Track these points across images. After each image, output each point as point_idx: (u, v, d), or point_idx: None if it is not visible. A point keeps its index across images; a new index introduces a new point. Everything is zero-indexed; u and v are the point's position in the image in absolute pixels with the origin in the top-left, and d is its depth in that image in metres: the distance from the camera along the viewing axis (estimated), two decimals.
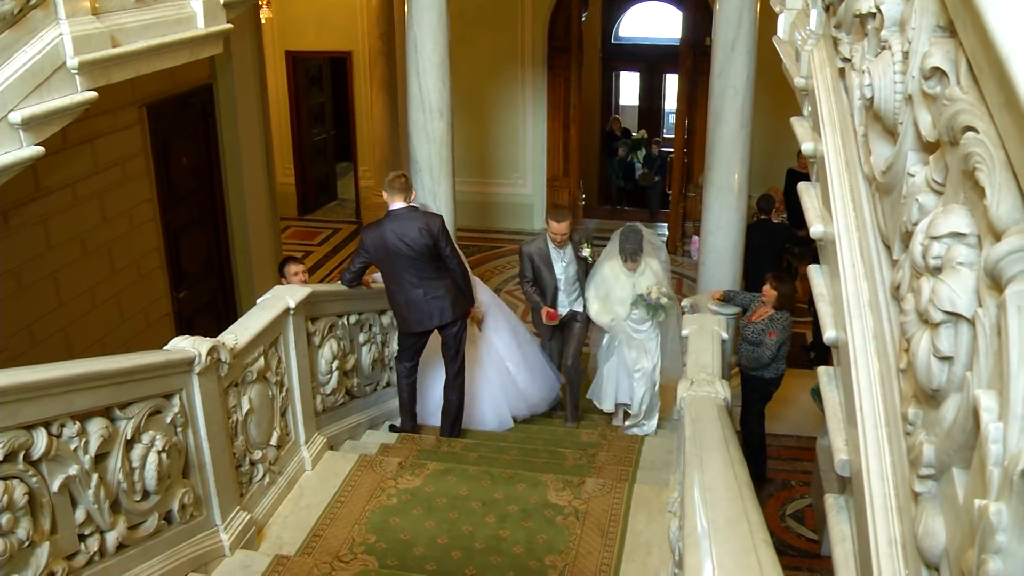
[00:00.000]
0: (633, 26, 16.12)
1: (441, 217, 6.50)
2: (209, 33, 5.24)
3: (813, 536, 7.01)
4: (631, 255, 6.98)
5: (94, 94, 4.33)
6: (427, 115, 8.10)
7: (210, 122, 8.50)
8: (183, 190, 8.12)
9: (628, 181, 15.50)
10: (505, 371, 7.33)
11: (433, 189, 8.30)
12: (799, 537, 7.06)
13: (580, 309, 7.49)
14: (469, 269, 7.13)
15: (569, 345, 7.60)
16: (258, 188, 9.39)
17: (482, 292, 7.36)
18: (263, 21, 10.41)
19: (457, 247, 6.77)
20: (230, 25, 5.49)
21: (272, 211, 9.79)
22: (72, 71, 4.19)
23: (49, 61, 4.07)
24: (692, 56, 12.01)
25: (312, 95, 14.68)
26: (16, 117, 3.89)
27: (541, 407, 7.64)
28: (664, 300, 6.95)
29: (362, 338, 7.02)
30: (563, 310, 7.46)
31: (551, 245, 7.25)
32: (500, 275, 12.02)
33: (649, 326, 7.19)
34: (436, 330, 6.62)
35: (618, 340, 7.30)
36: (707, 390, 4.19)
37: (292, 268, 7.46)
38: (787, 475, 7.72)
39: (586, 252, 7.30)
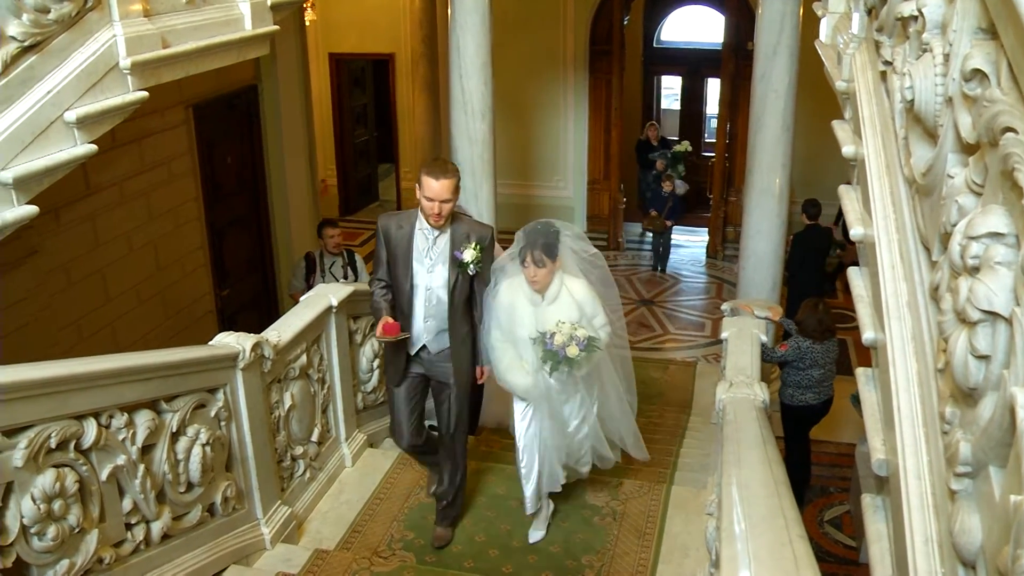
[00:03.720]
0: (675, 30, 16.08)
1: (471, 216, 6.52)
2: (256, 35, 5.32)
3: (851, 543, 6.96)
4: (534, 247, 4.59)
5: (145, 94, 4.43)
6: (469, 117, 8.14)
7: (255, 122, 8.62)
8: (227, 189, 8.23)
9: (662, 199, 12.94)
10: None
11: (475, 191, 8.33)
12: (837, 544, 7.02)
13: (438, 349, 4.99)
14: None
15: (443, 406, 5.11)
16: (301, 188, 9.50)
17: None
18: (307, 23, 10.53)
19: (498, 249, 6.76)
20: (277, 27, 5.57)
21: (314, 211, 9.88)
22: (124, 71, 4.29)
23: (103, 62, 4.17)
24: (734, 60, 11.98)
25: (355, 97, 14.79)
26: (71, 116, 3.99)
27: None
28: (574, 350, 4.54)
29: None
30: (419, 342, 4.96)
31: (420, 226, 4.76)
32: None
33: (575, 382, 4.87)
34: None
35: (538, 409, 5.03)
36: (745, 392, 4.20)
37: (329, 231, 7.54)
38: (826, 481, 7.68)
39: (469, 256, 4.70)
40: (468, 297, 4.96)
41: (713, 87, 15.21)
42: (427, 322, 4.93)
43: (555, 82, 12.82)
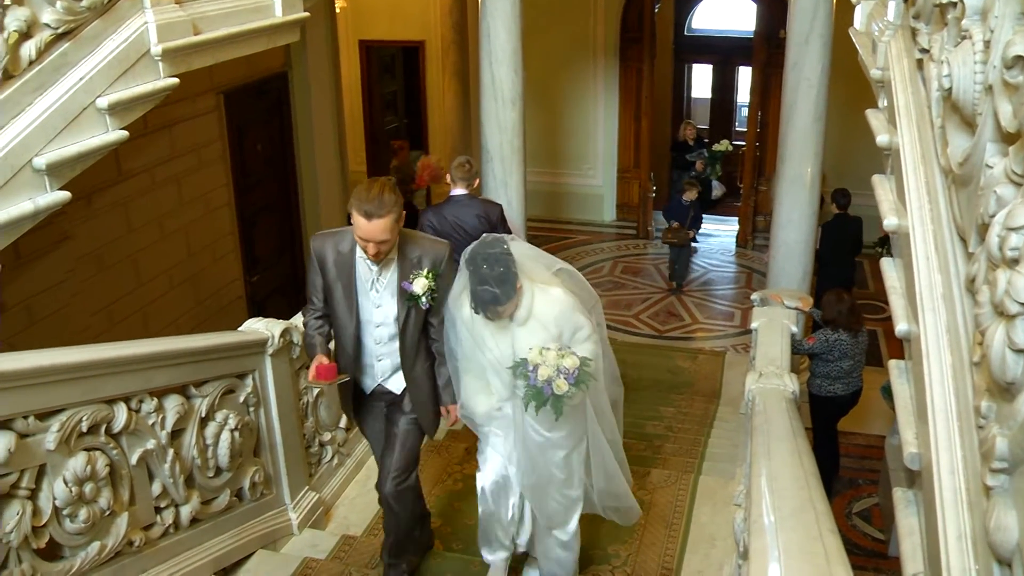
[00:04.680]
0: (706, 18, 15.95)
1: (500, 206, 6.50)
2: (286, 21, 5.32)
3: (880, 536, 6.90)
4: (486, 305, 3.74)
5: (176, 80, 4.45)
6: (499, 104, 8.10)
7: (285, 109, 8.64)
8: (257, 176, 8.26)
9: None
10: None
11: (504, 179, 8.30)
12: (865, 536, 6.96)
13: (397, 388, 4.29)
14: None
15: (391, 453, 4.35)
16: (331, 175, 9.52)
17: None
18: (337, 10, 10.52)
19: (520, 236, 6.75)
20: (307, 13, 5.57)
21: (344, 197, 9.89)
22: (156, 58, 4.31)
23: (134, 48, 4.19)
24: (766, 48, 11.85)
25: (385, 84, 14.78)
26: (103, 102, 4.02)
27: None
28: (562, 385, 3.66)
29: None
30: (369, 382, 4.29)
31: (361, 253, 3.93)
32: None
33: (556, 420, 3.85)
34: None
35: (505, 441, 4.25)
36: (775, 383, 4.17)
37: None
38: (854, 473, 7.61)
39: (419, 288, 3.93)
40: (424, 332, 4.19)
41: (744, 76, 15.08)
42: (380, 361, 4.20)
43: (586, 70, 12.76)
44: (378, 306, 4.08)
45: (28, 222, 3.71)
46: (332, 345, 4.20)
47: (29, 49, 3.69)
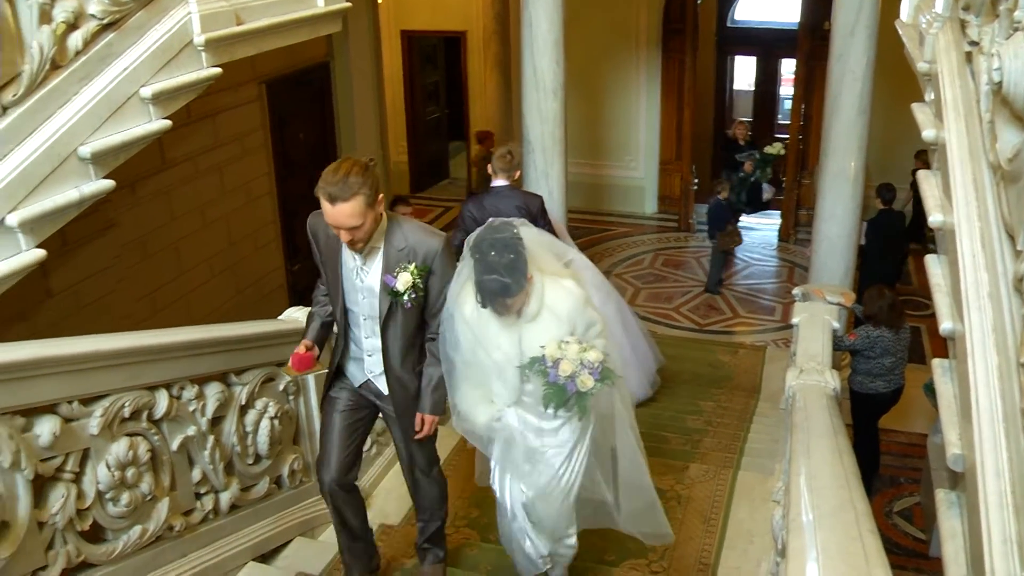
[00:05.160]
0: (749, 9, 15.77)
1: (541, 197, 6.48)
2: (328, 11, 5.34)
3: (921, 536, 6.82)
4: (493, 296, 3.35)
5: (218, 70, 4.48)
6: (541, 95, 8.10)
7: (326, 99, 8.69)
8: (299, 165, 8.31)
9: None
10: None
11: (545, 169, 8.30)
12: (906, 536, 6.88)
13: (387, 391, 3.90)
14: (574, 247, 7.09)
15: (398, 445, 4.11)
16: None
17: (585, 269, 7.20)
18: (379, 1, 10.56)
19: (561, 229, 6.75)
20: (349, 4, 5.59)
21: (385, 187, 9.92)
22: (199, 48, 4.35)
23: (178, 39, 4.23)
24: (810, 40, 11.70)
25: (426, 74, 14.82)
26: (147, 92, 4.06)
27: (636, 397, 7.40)
28: (587, 381, 3.33)
29: None
30: (359, 376, 3.95)
31: None
32: (610, 257, 11.97)
33: (561, 424, 3.61)
34: None
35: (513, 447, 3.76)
36: (816, 379, 4.12)
37: (402, 208, 7.57)
38: (895, 471, 7.52)
39: (402, 284, 3.56)
40: (416, 333, 3.80)
41: (788, 68, 14.90)
42: (371, 356, 3.85)
43: (628, 61, 12.69)
44: (364, 297, 3.72)
45: (73, 210, 3.76)
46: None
47: (76, 40, 3.75)
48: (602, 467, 3.83)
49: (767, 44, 15.24)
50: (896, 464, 7.58)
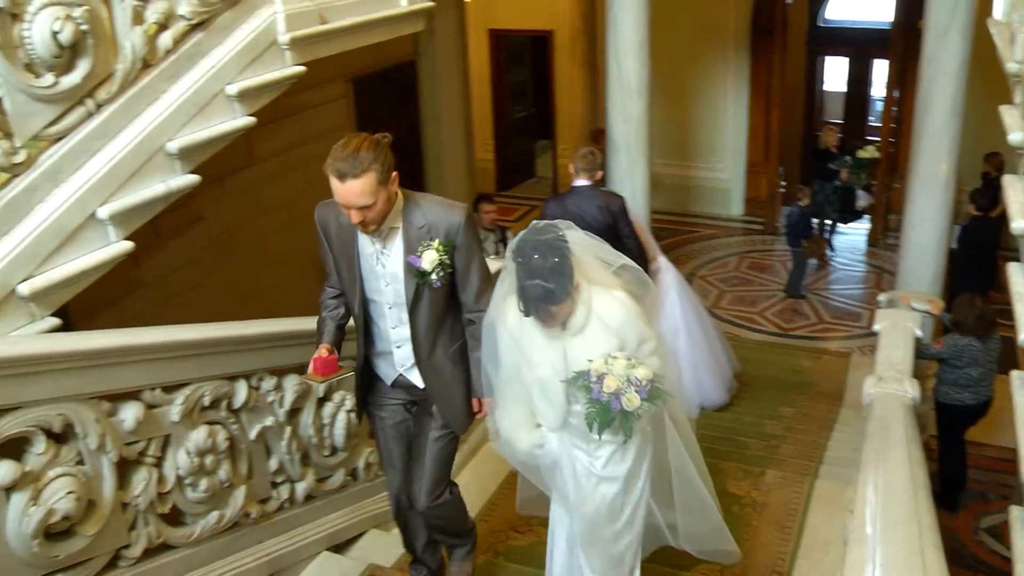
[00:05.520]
0: (841, 8, 15.41)
1: (622, 198, 6.45)
2: (411, 11, 5.41)
3: (1008, 554, 6.59)
4: (536, 304, 3.08)
5: (302, 68, 4.58)
6: (625, 95, 8.07)
7: (413, 97, 8.77)
8: None
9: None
10: (682, 354, 7.09)
11: (630, 170, 8.27)
12: (993, 554, 6.65)
13: (421, 382, 3.67)
14: (658, 248, 7.06)
15: (420, 466, 3.77)
16: (457, 163, 9.62)
17: (666, 271, 7.14)
18: (467, 0, 10.63)
19: (643, 229, 6.70)
20: (431, 3, 5.64)
21: (469, 186, 10.00)
22: (283, 47, 4.45)
23: (263, 38, 4.34)
24: (903, 40, 11.38)
25: (514, 73, 14.87)
26: (232, 90, 4.18)
27: (713, 403, 7.34)
28: (634, 400, 3.05)
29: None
30: (391, 372, 3.70)
31: None
32: (694, 260, 11.87)
33: (613, 451, 3.35)
34: None
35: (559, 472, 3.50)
36: (894, 387, 4.03)
37: (486, 206, 7.56)
38: (984, 487, 7.28)
39: (428, 263, 3.33)
40: (446, 314, 3.58)
41: (879, 69, 14.53)
42: (400, 348, 3.60)
43: (716, 61, 12.54)
44: (387, 284, 3.45)
45: (160, 203, 3.88)
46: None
47: (166, 39, 3.88)
48: (655, 490, 3.57)
49: (859, 44, 14.88)
50: (984, 479, 7.34)
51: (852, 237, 12.40)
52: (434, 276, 3.34)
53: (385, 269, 3.43)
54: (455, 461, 3.93)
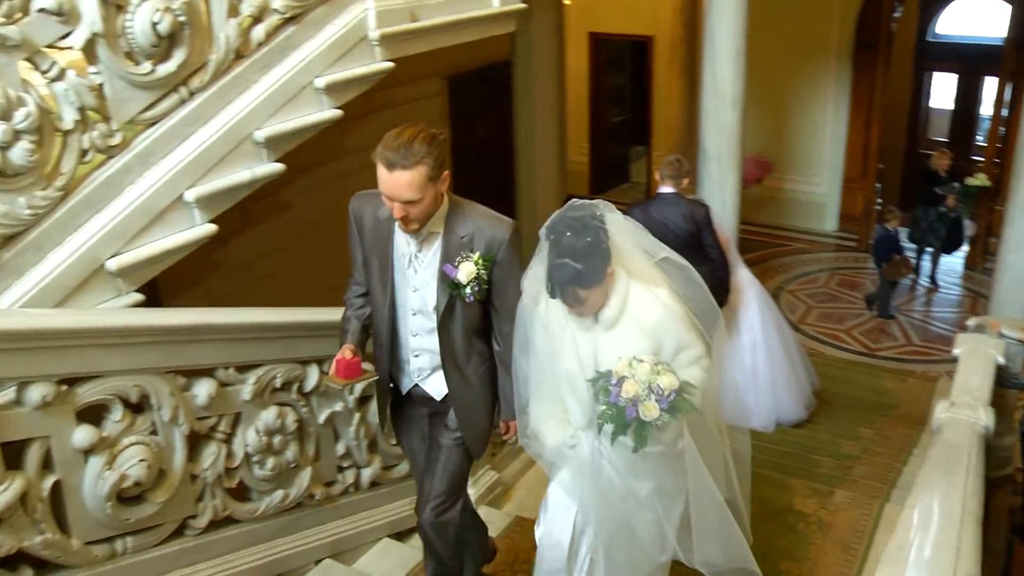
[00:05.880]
0: (953, 23, 14.96)
1: (708, 207, 6.42)
2: (503, 11, 5.49)
3: None
4: (563, 286, 2.88)
5: (391, 64, 4.70)
6: (719, 104, 8.00)
7: (507, 97, 8.85)
8: (476, 160, 8.50)
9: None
10: (761, 369, 7.03)
11: (720, 180, 8.20)
12: None
13: (438, 393, 3.49)
14: (740, 261, 7.02)
15: (430, 475, 3.59)
16: (549, 164, 9.67)
17: (748, 287, 7.08)
18: (567, 3, 10.67)
19: (726, 240, 6.66)
20: (524, 5, 5.70)
21: (560, 188, 10.04)
22: (373, 43, 4.58)
23: (353, 33, 4.47)
24: (1016, 56, 11.03)
25: (612, 77, 14.84)
26: (321, 82, 4.31)
27: (789, 419, 7.19)
28: (652, 409, 2.79)
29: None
30: (406, 381, 3.53)
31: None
32: (783, 274, 11.69)
33: (646, 459, 3.05)
34: None
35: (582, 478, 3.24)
36: (967, 414, 3.92)
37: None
38: None
39: (464, 275, 3.15)
40: (479, 329, 3.40)
41: (990, 86, 14.07)
42: (418, 357, 3.43)
43: (815, 73, 12.30)
44: (415, 290, 3.28)
45: (244, 190, 4.04)
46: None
47: (259, 32, 4.04)
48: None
49: (969, 60, 14.44)
50: None
51: (949, 259, 12.06)
52: (468, 290, 3.16)
53: (416, 274, 3.26)
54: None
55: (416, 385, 3.49)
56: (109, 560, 3.33)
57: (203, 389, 3.54)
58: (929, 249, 11.13)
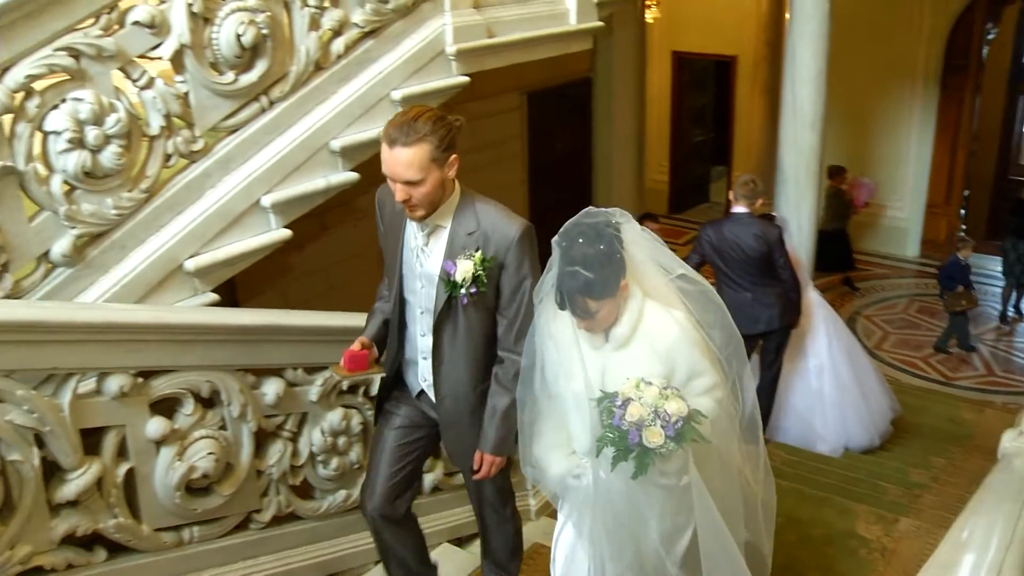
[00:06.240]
0: None
1: (780, 229, 6.40)
2: (580, 29, 5.53)
3: None
4: (572, 295, 2.68)
5: (466, 79, 4.79)
6: (798, 125, 7.95)
7: (586, 114, 8.93)
8: (553, 175, 8.57)
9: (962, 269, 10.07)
10: (828, 393, 6.95)
11: (797, 202, 8.12)
12: None
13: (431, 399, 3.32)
14: (810, 283, 6.97)
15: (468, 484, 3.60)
16: (626, 182, 9.70)
17: (817, 310, 7.01)
18: (650, 20, 10.72)
19: (798, 261, 6.62)
20: (601, 23, 5.75)
21: (638, 206, 10.05)
22: (450, 57, 4.68)
23: (431, 47, 4.58)
24: None
25: (695, 96, 14.80)
26: (397, 95, 4.43)
27: (858, 445, 7.05)
28: (656, 435, 2.59)
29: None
30: (414, 383, 3.34)
31: None
32: (861, 299, 11.50)
33: (656, 489, 2.85)
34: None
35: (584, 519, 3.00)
36: None
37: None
38: None
39: (461, 274, 2.94)
40: (482, 341, 3.14)
41: None
42: (425, 360, 3.22)
43: (900, 96, 12.07)
44: (422, 286, 3.08)
45: (320, 197, 4.17)
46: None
47: (338, 45, 4.18)
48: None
49: None
50: None
51: None
52: (463, 291, 2.94)
53: (423, 268, 3.07)
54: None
55: (424, 390, 3.31)
56: (176, 548, 3.46)
57: (272, 388, 3.64)
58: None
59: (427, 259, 3.04)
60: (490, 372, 3.17)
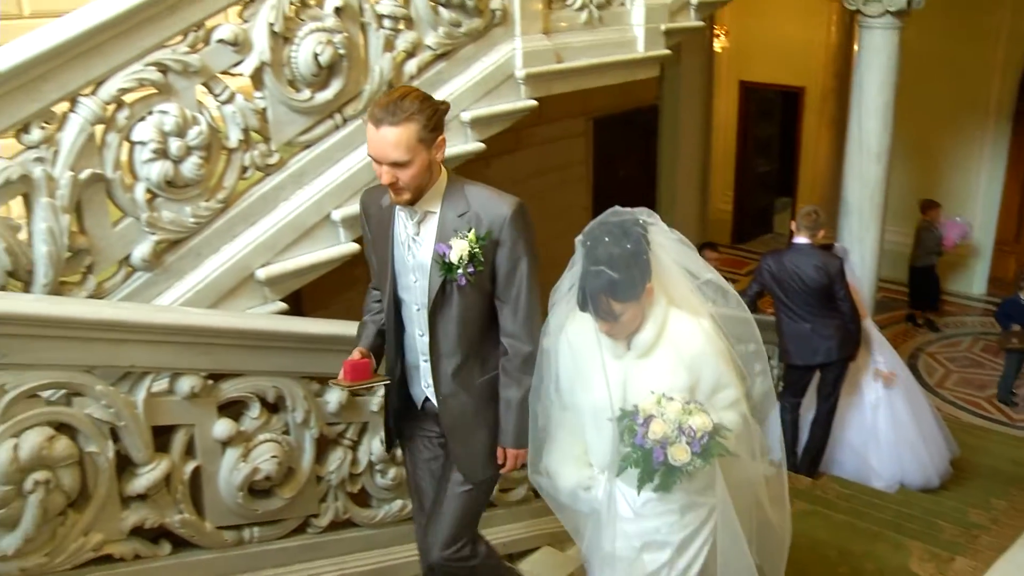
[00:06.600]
0: None
1: (841, 260, 6.40)
2: (647, 57, 5.60)
3: None
4: (595, 296, 2.58)
5: (534, 103, 4.89)
6: (863, 158, 7.95)
7: (651, 141, 9.01)
8: (616, 201, 8.59)
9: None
10: (883, 429, 6.88)
11: (860, 235, 8.11)
12: None
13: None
14: (870, 317, 6.93)
15: (437, 512, 3.27)
16: (690, 210, 9.74)
17: (876, 340, 6.95)
18: (719, 50, 10.75)
19: (857, 291, 6.60)
20: (668, 51, 5.82)
21: (701, 234, 10.07)
22: (519, 81, 4.79)
23: (501, 71, 4.69)
24: None
25: (762, 127, 14.75)
26: (466, 116, 4.55)
27: (914, 484, 6.97)
28: (682, 453, 2.50)
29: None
30: (416, 391, 3.23)
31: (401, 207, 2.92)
32: (923, 335, 11.35)
33: (668, 509, 2.78)
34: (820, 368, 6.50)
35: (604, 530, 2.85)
36: None
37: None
38: None
39: (456, 254, 2.82)
40: (482, 327, 3.04)
41: None
42: (426, 362, 3.09)
43: (970, 130, 11.88)
44: (416, 280, 2.96)
45: None
46: None
47: (411, 66, 4.30)
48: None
49: None
50: None
51: None
52: (460, 271, 2.82)
53: (415, 259, 2.94)
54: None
55: (428, 399, 3.18)
56: (237, 546, 3.57)
57: (334, 397, 3.73)
58: None
59: (419, 249, 2.93)
60: (491, 364, 3.07)
